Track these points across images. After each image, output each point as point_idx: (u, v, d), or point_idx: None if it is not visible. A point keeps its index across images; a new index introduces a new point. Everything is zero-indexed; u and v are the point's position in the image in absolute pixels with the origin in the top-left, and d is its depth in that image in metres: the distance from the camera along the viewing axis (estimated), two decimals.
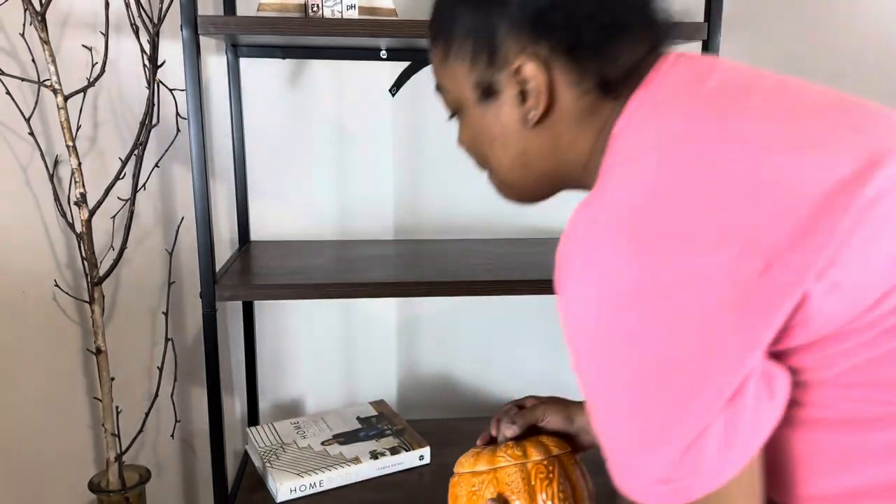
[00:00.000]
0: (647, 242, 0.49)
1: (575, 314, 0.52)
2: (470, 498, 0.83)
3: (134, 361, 1.50)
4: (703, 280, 0.48)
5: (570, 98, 0.62)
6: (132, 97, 1.38)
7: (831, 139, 0.52)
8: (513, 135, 0.65)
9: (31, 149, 1.36)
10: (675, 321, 0.49)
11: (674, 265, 0.48)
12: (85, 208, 1.27)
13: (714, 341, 0.48)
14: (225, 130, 1.42)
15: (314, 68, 1.43)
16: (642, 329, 0.49)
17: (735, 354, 0.48)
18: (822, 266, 0.48)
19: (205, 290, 1.10)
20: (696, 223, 0.49)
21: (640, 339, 0.49)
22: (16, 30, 1.30)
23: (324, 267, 1.24)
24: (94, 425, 1.51)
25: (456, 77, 0.67)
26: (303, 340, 1.55)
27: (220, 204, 1.46)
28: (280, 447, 1.32)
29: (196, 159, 1.06)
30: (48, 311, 1.45)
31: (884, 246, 0.49)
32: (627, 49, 0.61)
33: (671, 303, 0.48)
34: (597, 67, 0.61)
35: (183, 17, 1.00)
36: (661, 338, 0.49)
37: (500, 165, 0.69)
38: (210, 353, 1.12)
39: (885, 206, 0.48)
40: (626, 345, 0.50)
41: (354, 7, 1.08)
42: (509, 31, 0.61)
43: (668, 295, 0.48)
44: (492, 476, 0.82)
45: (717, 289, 0.48)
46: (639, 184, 0.52)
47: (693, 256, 0.48)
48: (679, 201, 0.50)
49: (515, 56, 0.62)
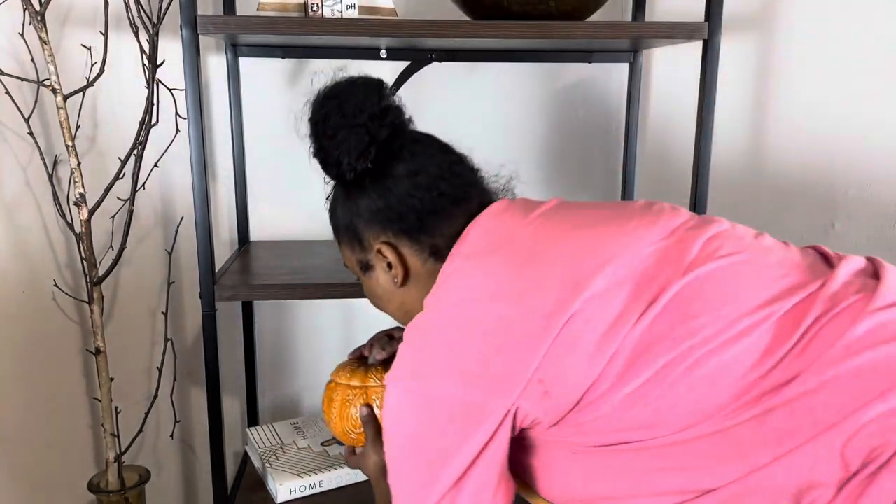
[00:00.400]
0: (419, 370, 0.75)
1: (395, 419, 0.77)
2: (342, 404, 1.07)
3: (133, 362, 1.50)
4: (445, 400, 0.72)
5: (417, 263, 0.86)
6: (131, 97, 1.37)
7: (547, 279, 0.73)
8: (390, 293, 0.89)
9: (30, 149, 1.36)
10: (427, 425, 0.73)
11: (429, 387, 0.73)
12: (84, 208, 1.27)
13: (446, 442, 0.73)
14: (225, 130, 1.42)
15: (314, 68, 1.43)
16: (411, 425, 0.75)
17: (458, 452, 0.72)
18: (526, 387, 0.70)
19: (204, 290, 1.10)
20: (446, 359, 0.73)
21: (408, 433, 0.75)
22: (15, 29, 1.30)
23: (324, 267, 1.24)
24: (94, 425, 1.51)
25: (349, 258, 0.92)
26: (303, 340, 1.55)
27: (219, 204, 1.46)
28: (280, 447, 1.32)
29: (195, 159, 1.06)
30: (48, 311, 1.44)
31: (579, 353, 0.69)
32: (447, 225, 0.84)
33: (428, 413, 0.73)
34: (427, 240, 0.85)
35: (182, 17, 1.00)
36: (420, 434, 0.74)
37: (391, 313, 0.93)
38: (210, 353, 1.12)
39: (578, 323, 0.69)
40: (401, 436, 0.76)
41: (354, 7, 1.08)
42: (365, 226, 0.87)
43: (429, 407, 0.73)
44: (362, 391, 1.06)
45: (451, 407, 0.72)
46: (420, 328, 0.78)
47: (440, 382, 0.72)
48: (439, 344, 0.74)
49: (374, 241, 0.87)
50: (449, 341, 0.73)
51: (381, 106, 0.86)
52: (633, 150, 1.46)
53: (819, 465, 0.65)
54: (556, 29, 1.06)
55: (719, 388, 0.68)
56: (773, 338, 0.69)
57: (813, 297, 0.71)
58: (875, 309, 0.69)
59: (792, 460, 0.65)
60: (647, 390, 0.69)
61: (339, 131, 0.85)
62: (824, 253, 0.81)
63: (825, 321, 0.69)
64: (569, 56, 1.44)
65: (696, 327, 0.69)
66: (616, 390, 0.70)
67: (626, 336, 0.70)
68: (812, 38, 1.47)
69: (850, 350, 0.67)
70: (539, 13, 1.08)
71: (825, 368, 0.66)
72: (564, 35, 1.06)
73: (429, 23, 1.04)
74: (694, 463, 0.69)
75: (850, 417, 0.64)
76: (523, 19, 1.08)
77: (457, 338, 0.73)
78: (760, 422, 0.67)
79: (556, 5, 1.08)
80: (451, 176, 0.86)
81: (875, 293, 0.70)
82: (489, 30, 1.06)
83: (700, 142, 1.12)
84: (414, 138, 0.89)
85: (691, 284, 0.72)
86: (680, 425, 0.69)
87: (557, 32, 1.06)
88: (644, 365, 0.69)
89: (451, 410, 0.72)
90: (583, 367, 0.70)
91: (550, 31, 1.06)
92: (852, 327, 0.68)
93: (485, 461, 0.73)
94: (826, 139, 1.52)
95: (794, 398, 0.66)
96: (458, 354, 0.72)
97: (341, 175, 0.87)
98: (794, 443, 0.65)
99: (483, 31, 1.06)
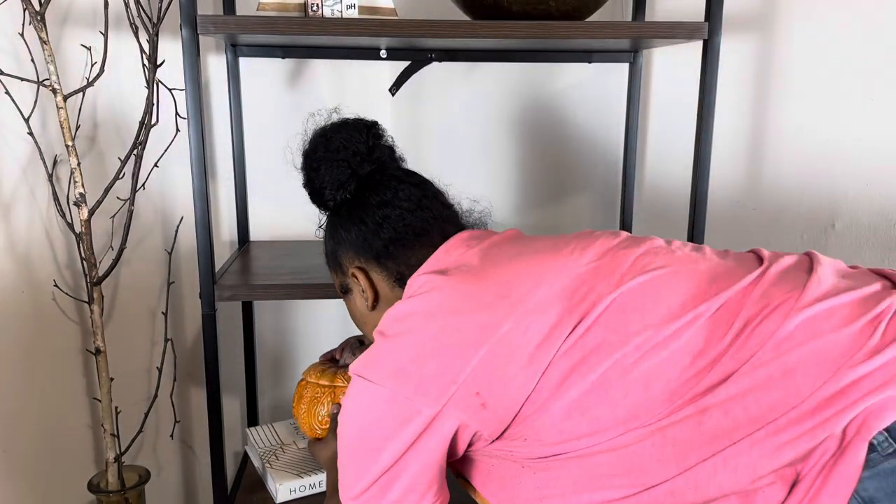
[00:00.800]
0: (369, 363, 0.81)
1: (347, 406, 0.83)
2: (311, 402, 1.19)
3: (133, 362, 1.50)
4: (382, 393, 0.78)
5: (385, 288, 0.93)
6: (131, 97, 1.37)
7: (485, 295, 0.78)
8: (366, 315, 0.96)
9: (30, 149, 1.36)
10: (368, 414, 0.79)
11: (373, 379, 0.79)
12: (84, 208, 1.27)
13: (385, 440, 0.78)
14: (225, 130, 1.42)
15: (314, 68, 1.43)
16: (357, 412, 0.81)
17: (388, 445, 0.78)
18: (457, 395, 0.75)
19: (204, 290, 1.10)
20: (389, 357, 0.79)
21: (354, 419, 0.81)
22: (15, 29, 1.30)
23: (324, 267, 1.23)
24: (94, 425, 1.51)
25: (334, 282, 1.01)
26: (303, 340, 1.55)
27: (219, 204, 1.46)
28: (279, 448, 1.32)
29: (195, 159, 1.06)
30: (47, 311, 1.44)
31: (514, 366, 0.73)
32: (412, 254, 0.91)
33: (370, 403, 0.79)
34: (393, 267, 0.92)
35: (182, 17, 1.00)
36: (362, 422, 0.80)
37: (367, 334, 0.99)
38: (209, 353, 1.12)
39: (512, 337, 0.74)
40: (349, 421, 0.82)
41: (354, 7, 1.07)
42: (343, 252, 0.95)
43: (371, 397, 0.79)
44: (330, 391, 1.18)
45: (386, 401, 0.78)
46: (378, 332, 0.83)
47: (381, 376, 0.78)
48: (388, 345, 0.80)
49: (349, 266, 0.95)
50: (396, 343, 0.79)
51: (367, 145, 0.97)
52: (632, 150, 1.46)
53: (761, 463, 0.67)
54: (556, 29, 1.06)
55: (653, 391, 0.71)
56: (704, 339, 0.72)
57: (743, 297, 0.74)
58: (804, 305, 0.71)
59: (729, 458, 0.68)
60: (584, 400, 0.73)
61: (322, 164, 0.95)
62: (760, 254, 0.84)
63: (757, 321, 0.71)
64: (569, 56, 1.44)
65: (626, 335, 0.73)
66: (553, 401, 0.73)
67: (559, 349, 0.73)
68: (812, 38, 1.47)
69: (780, 348, 0.69)
70: (539, 13, 1.08)
71: (757, 368, 0.69)
72: (564, 35, 1.06)
73: (429, 23, 1.04)
74: (636, 465, 0.72)
75: (785, 415, 0.67)
76: (523, 19, 1.08)
77: (402, 341, 0.79)
78: (697, 422, 0.69)
79: (556, 5, 1.08)
80: (418, 209, 0.93)
81: (804, 289, 0.73)
82: (489, 30, 1.06)
83: (700, 142, 1.12)
84: (393, 175, 0.96)
85: (622, 297, 0.76)
86: (618, 430, 0.72)
87: (557, 32, 1.06)
88: (579, 376, 0.73)
89: (386, 405, 0.78)
90: (518, 380, 0.74)
91: (550, 31, 1.06)
92: (783, 325, 0.70)
93: (414, 461, 0.78)
94: (826, 140, 1.52)
95: (727, 398, 0.69)
96: (399, 354, 0.78)
97: (325, 204, 0.97)
98: (730, 440, 0.68)
99: (483, 31, 1.06)
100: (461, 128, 1.49)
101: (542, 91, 1.49)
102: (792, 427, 0.67)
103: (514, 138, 1.50)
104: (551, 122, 1.50)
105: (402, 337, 0.79)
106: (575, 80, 1.49)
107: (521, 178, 1.51)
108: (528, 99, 1.49)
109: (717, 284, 0.76)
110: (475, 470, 0.86)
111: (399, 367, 0.78)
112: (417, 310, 0.80)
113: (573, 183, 1.53)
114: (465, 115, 1.48)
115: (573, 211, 1.53)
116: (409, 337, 0.79)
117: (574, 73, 1.48)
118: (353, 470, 0.81)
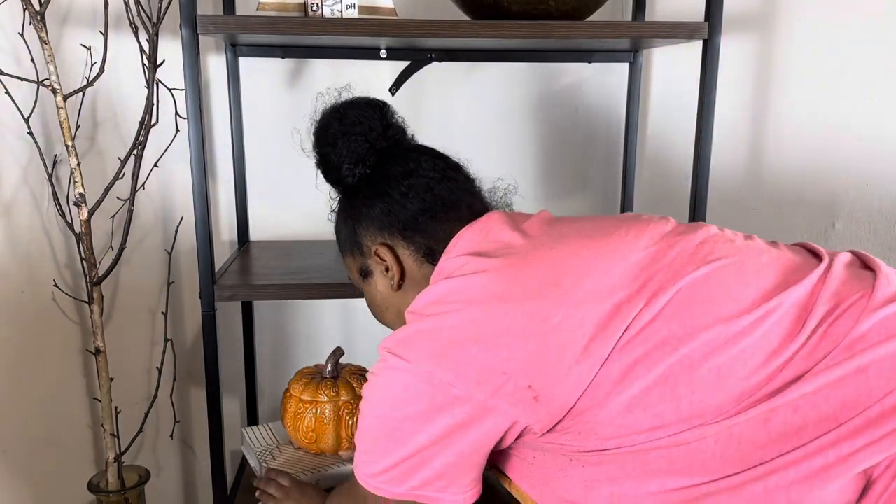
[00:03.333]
0: (404, 342, 0.76)
1: (377, 384, 0.79)
2: (294, 416, 1.24)
3: (133, 362, 1.50)
4: (417, 374, 0.74)
5: (413, 265, 0.88)
6: (131, 97, 1.37)
7: (536, 283, 0.74)
8: (388, 299, 0.91)
9: (30, 148, 1.36)
10: (401, 393, 0.76)
11: (408, 358, 0.75)
12: (84, 208, 1.27)
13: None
14: (224, 130, 1.42)
15: (314, 68, 1.43)
16: (387, 391, 0.77)
17: (419, 430, 0.75)
18: (504, 387, 0.71)
19: (204, 290, 1.10)
20: (428, 338, 0.75)
21: (382, 398, 0.78)
22: (15, 29, 1.30)
23: (324, 267, 1.24)
24: (94, 425, 1.51)
25: (351, 268, 0.95)
26: (303, 340, 1.55)
27: (219, 204, 1.46)
28: (276, 447, 1.32)
29: (195, 159, 1.05)
30: (47, 311, 1.44)
31: (568, 358, 0.70)
32: (440, 228, 0.87)
33: (405, 383, 0.75)
34: (421, 241, 0.87)
35: (182, 17, 1.00)
36: (390, 403, 0.77)
37: (389, 322, 0.94)
38: (209, 353, 1.12)
39: (565, 329, 0.71)
40: (376, 399, 0.79)
41: (354, 6, 1.07)
42: (363, 230, 0.90)
43: (406, 378, 0.75)
44: (312, 405, 1.23)
45: (421, 384, 0.74)
46: (412, 312, 0.80)
47: (417, 355, 0.75)
48: (426, 324, 0.76)
49: (372, 244, 0.89)
50: (434, 324, 0.75)
51: (382, 122, 0.92)
52: (633, 150, 1.46)
53: (831, 469, 0.65)
54: (556, 29, 1.06)
55: (722, 388, 0.68)
56: (779, 337, 0.69)
57: (812, 294, 0.72)
58: (876, 306, 0.70)
59: (798, 458, 0.66)
60: (646, 395, 0.69)
61: (339, 139, 0.90)
62: (813, 249, 0.82)
63: (830, 321, 0.69)
64: (569, 56, 1.44)
65: (693, 329, 0.70)
66: (612, 397, 0.70)
67: (618, 342, 0.70)
68: (812, 38, 1.47)
69: (853, 349, 0.67)
70: (539, 13, 1.08)
71: (831, 367, 0.67)
72: (564, 35, 1.06)
73: (429, 23, 1.04)
74: (696, 461, 0.69)
75: (857, 416, 0.65)
76: (523, 19, 1.07)
77: (441, 321, 0.75)
78: (765, 419, 0.67)
79: (556, 5, 1.07)
80: (445, 179, 0.89)
81: (874, 289, 0.71)
82: (489, 30, 1.06)
83: (700, 142, 1.12)
84: (412, 147, 0.93)
85: (686, 288, 0.72)
86: (681, 427, 0.69)
87: (557, 32, 1.06)
88: (643, 370, 0.69)
89: (423, 386, 0.73)
90: (573, 374, 0.70)
91: (550, 31, 1.06)
92: (856, 325, 0.68)
93: (450, 450, 0.74)
94: (826, 139, 1.52)
95: (799, 398, 0.67)
96: (438, 336, 0.74)
97: (342, 181, 0.92)
98: (798, 441, 0.66)
99: (483, 31, 1.06)
100: (461, 128, 1.49)
101: (543, 91, 1.49)
102: (863, 431, 0.65)
103: (514, 138, 1.50)
104: (551, 122, 1.50)
105: (442, 318, 0.75)
106: (575, 79, 1.49)
107: (522, 178, 1.51)
108: (528, 99, 1.49)
109: (785, 279, 0.73)
110: (513, 461, 0.82)
111: (438, 349, 0.73)
112: (459, 291, 0.76)
113: (573, 183, 1.53)
114: (464, 116, 1.48)
115: (574, 211, 1.53)
116: (450, 318, 0.74)
117: (574, 72, 1.48)
118: (376, 448, 0.78)
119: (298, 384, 1.26)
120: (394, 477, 0.77)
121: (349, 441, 1.26)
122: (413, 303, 0.80)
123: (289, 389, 1.27)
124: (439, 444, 0.74)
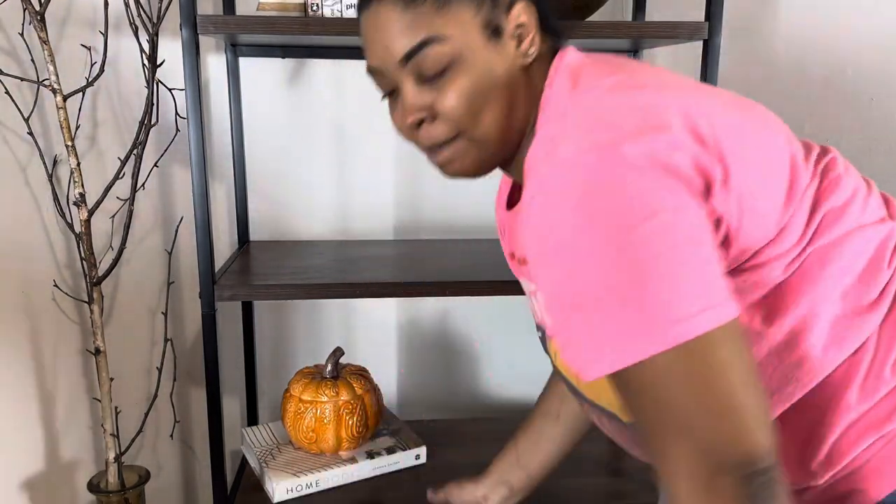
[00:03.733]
0: (600, 136, 0.57)
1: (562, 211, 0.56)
2: (295, 416, 1.25)
3: (133, 362, 1.50)
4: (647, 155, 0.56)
5: (539, 38, 0.68)
6: (131, 97, 1.37)
7: (736, 101, 0.69)
8: (505, 80, 0.67)
9: (30, 149, 1.36)
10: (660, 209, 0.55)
11: (624, 148, 0.56)
12: (84, 208, 1.27)
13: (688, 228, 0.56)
14: (225, 130, 1.42)
15: (314, 68, 1.43)
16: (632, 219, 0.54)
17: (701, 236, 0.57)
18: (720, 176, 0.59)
19: (204, 290, 1.10)
20: (646, 124, 0.58)
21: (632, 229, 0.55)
22: (15, 29, 1.30)
23: (324, 267, 1.24)
24: (94, 426, 1.51)
25: (460, 22, 0.66)
26: (303, 340, 1.55)
27: (219, 204, 1.46)
28: (276, 447, 1.32)
29: (195, 159, 1.05)
30: (47, 311, 1.44)
31: (772, 188, 0.64)
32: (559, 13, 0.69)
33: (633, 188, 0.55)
34: (547, 13, 0.69)
35: (182, 17, 1.00)
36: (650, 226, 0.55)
37: (488, 124, 0.68)
38: (209, 353, 1.12)
39: (779, 159, 0.68)
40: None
41: (354, 6, 1.07)
42: None
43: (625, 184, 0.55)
44: (313, 405, 1.23)
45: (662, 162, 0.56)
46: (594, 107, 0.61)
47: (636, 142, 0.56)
48: (622, 104, 0.60)
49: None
50: (619, 97, 0.61)
51: None
52: None
53: None
54: None
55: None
56: None
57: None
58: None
59: None
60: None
61: None
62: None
63: None
64: None
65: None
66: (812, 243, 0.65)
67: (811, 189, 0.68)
68: (812, 38, 1.47)
69: None
70: None
71: None
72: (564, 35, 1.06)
73: None
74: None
75: None
76: None
77: (627, 94, 0.61)
78: None
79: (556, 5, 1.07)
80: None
81: None
82: None
83: None
84: None
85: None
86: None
87: None
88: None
89: (640, 171, 0.55)
90: (776, 204, 0.64)
91: None
92: None
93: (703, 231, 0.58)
94: (826, 139, 1.52)
95: None
96: (631, 101, 0.60)
97: None
98: None
99: None
100: None
101: None
102: None
103: None
104: None
105: (628, 91, 0.61)
106: None
107: None
108: None
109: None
110: None
111: (638, 124, 0.57)
112: (643, 71, 0.64)
113: None
114: None
115: None
116: (642, 88, 0.61)
117: None
118: (653, 287, 0.54)
119: (298, 384, 1.26)
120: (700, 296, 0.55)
121: (349, 441, 1.26)
122: (567, 92, 0.64)
123: (289, 389, 1.27)
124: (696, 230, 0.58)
